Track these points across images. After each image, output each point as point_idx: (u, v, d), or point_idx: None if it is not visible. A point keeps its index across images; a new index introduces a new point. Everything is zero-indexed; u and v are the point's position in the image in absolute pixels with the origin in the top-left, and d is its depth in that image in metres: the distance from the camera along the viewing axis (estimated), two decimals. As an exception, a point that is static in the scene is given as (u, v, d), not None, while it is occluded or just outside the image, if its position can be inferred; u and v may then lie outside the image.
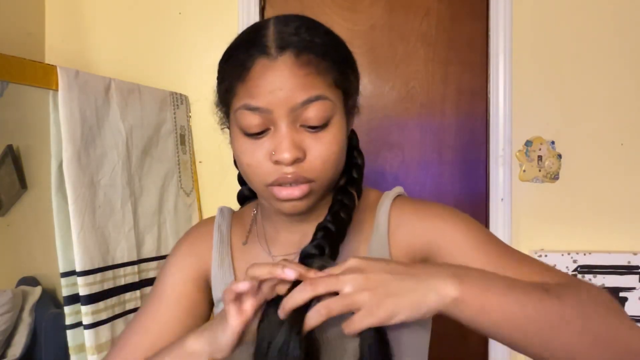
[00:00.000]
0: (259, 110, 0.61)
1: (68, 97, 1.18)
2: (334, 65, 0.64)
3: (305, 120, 0.62)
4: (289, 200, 0.63)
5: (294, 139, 0.61)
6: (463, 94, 1.68)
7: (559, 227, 1.61)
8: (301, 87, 0.61)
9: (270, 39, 0.63)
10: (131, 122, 1.39)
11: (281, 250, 0.73)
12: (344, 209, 0.69)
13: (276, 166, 0.62)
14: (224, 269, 0.75)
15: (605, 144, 1.61)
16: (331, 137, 0.63)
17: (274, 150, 0.62)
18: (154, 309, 0.73)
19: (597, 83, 1.61)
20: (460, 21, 1.68)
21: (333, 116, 0.63)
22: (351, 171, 0.73)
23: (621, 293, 1.53)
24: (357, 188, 0.72)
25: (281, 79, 0.61)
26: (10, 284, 1.42)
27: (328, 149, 0.63)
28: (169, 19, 1.71)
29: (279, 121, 0.61)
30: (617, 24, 1.61)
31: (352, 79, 0.68)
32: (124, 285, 1.33)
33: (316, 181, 0.63)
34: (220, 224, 0.78)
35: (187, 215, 1.61)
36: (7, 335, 1.38)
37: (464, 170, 1.69)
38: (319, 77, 0.62)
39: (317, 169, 0.63)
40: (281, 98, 0.60)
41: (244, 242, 0.76)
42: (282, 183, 0.62)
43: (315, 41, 0.63)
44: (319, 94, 0.62)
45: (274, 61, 0.61)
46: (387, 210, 0.71)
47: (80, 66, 1.35)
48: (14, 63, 1.11)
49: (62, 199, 1.19)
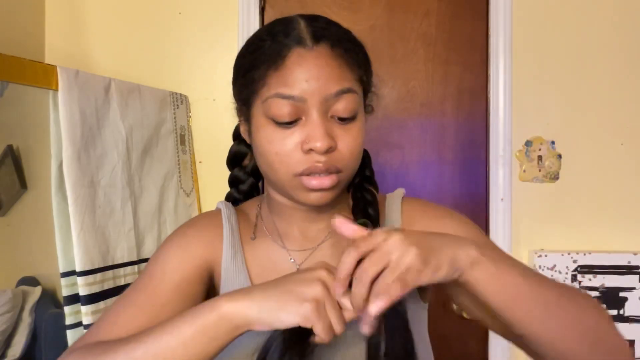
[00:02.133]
0: (292, 98, 0.62)
1: (68, 97, 1.18)
2: (359, 62, 0.66)
3: (336, 111, 0.63)
4: (318, 190, 0.63)
5: (326, 128, 0.62)
6: (463, 94, 1.68)
7: (559, 227, 1.61)
8: (335, 77, 0.62)
9: (304, 31, 0.64)
10: (131, 122, 1.39)
11: (297, 245, 0.73)
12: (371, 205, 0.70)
13: (307, 155, 0.62)
14: (237, 262, 0.72)
15: (605, 144, 1.61)
16: (357, 129, 0.65)
17: (307, 138, 0.62)
18: (150, 288, 0.67)
19: (597, 83, 1.61)
20: (460, 21, 1.68)
21: (359, 109, 0.65)
22: (363, 170, 0.74)
23: (621, 293, 1.53)
24: (374, 185, 0.75)
25: (317, 68, 0.62)
26: (10, 284, 1.42)
27: (355, 141, 0.64)
28: (169, 19, 1.71)
29: (311, 110, 0.62)
30: (617, 23, 1.61)
31: (371, 79, 0.70)
32: (124, 286, 1.33)
33: (344, 172, 0.64)
34: (228, 215, 0.76)
35: (187, 215, 1.61)
36: (7, 335, 1.38)
37: (464, 170, 1.69)
38: (348, 70, 0.64)
39: (345, 159, 0.64)
40: (315, 87, 0.61)
41: (253, 237, 0.75)
42: (313, 172, 0.63)
43: (345, 37, 0.66)
44: (350, 86, 0.64)
45: (310, 51, 0.62)
46: (399, 209, 0.73)
47: (80, 66, 1.35)
48: (14, 63, 1.11)
49: (62, 199, 1.19)
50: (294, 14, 0.68)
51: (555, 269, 1.54)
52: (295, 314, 0.54)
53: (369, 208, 0.70)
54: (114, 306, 0.68)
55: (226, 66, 0.72)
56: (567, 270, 1.53)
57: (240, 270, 0.72)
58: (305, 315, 0.53)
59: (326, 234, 0.72)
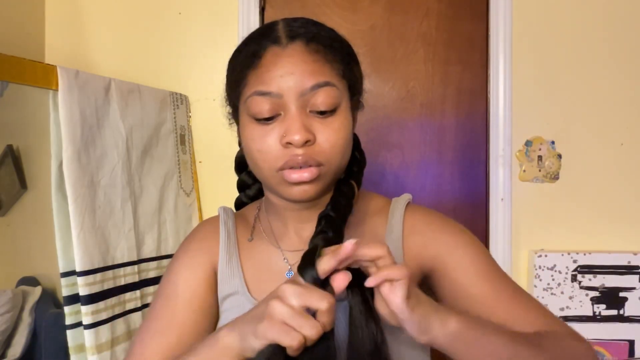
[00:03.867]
0: (270, 94, 0.63)
1: (68, 97, 1.18)
2: (340, 57, 0.67)
3: (314, 105, 0.64)
4: (299, 183, 0.64)
5: (304, 122, 0.63)
6: (463, 94, 1.68)
7: (559, 227, 1.61)
8: (310, 72, 0.63)
9: (280, 31, 0.66)
10: (131, 122, 1.39)
11: (291, 245, 0.74)
12: (343, 196, 0.70)
13: (286, 149, 0.63)
14: (232, 265, 0.74)
15: (605, 144, 1.61)
16: (339, 123, 0.65)
17: (285, 132, 0.63)
18: (167, 312, 0.71)
19: (597, 83, 1.61)
20: (460, 21, 1.68)
21: (340, 104, 0.65)
22: (351, 168, 0.75)
23: (621, 293, 1.53)
24: (356, 179, 0.74)
25: (291, 64, 0.63)
26: (10, 284, 1.42)
27: (336, 134, 0.65)
28: (169, 19, 1.71)
29: (289, 105, 0.63)
30: (617, 24, 1.61)
31: (357, 75, 0.70)
32: (124, 285, 1.33)
33: (325, 165, 0.65)
34: (226, 220, 0.78)
35: (187, 215, 1.61)
36: (7, 335, 1.38)
37: (464, 170, 1.68)
38: (327, 65, 0.65)
39: (325, 152, 0.64)
40: (291, 83, 0.63)
41: (250, 239, 0.77)
42: (293, 165, 0.63)
43: (322, 34, 0.67)
44: (327, 80, 0.64)
45: (285, 48, 0.64)
46: (402, 215, 0.73)
47: (80, 66, 1.35)
48: (14, 63, 1.11)
49: (62, 199, 1.19)
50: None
51: (555, 269, 1.54)
52: (259, 336, 0.54)
53: (341, 198, 0.69)
54: (139, 334, 0.72)
55: (226, 66, 0.72)
56: (567, 270, 1.53)
57: (235, 273, 0.73)
58: (264, 335, 0.54)
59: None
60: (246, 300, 0.71)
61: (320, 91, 0.63)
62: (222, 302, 0.74)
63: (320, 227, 0.65)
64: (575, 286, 1.53)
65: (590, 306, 1.53)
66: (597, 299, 1.53)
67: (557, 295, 1.53)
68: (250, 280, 0.73)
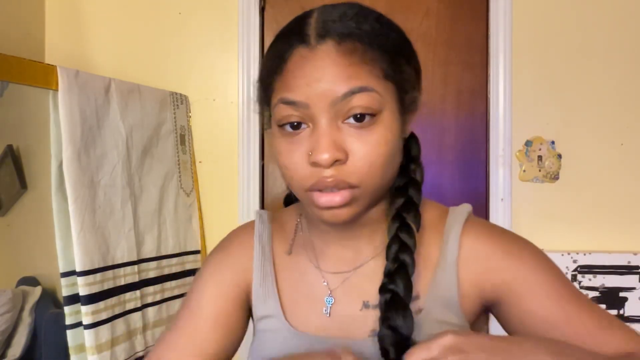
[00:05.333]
0: (295, 104, 0.55)
1: (68, 97, 1.18)
2: (383, 54, 0.56)
3: (348, 115, 0.55)
4: (329, 207, 0.56)
5: (334, 137, 0.54)
6: (463, 94, 1.68)
7: (559, 227, 1.61)
8: (343, 78, 0.54)
9: (311, 27, 0.57)
10: (131, 122, 1.39)
11: (332, 266, 0.66)
12: (407, 210, 0.61)
13: (314, 169, 0.55)
14: (267, 285, 0.68)
15: (605, 144, 1.61)
16: (378, 135, 0.55)
17: (312, 149, 0.55)
18: (190, 326, 0.67)
19: (597, 83, 1.61)
20: (460, 21, 1.68)
21: (381, 112, 0.56)
22: (407, 189, 0.63)
23: (621, 293, 1.53)
24: (414, 214, 0.62)
25: (320, 69, 0.55)
26: (10, 284, 1.43)
27: (374, 150, 0.55)
28: (169, 19, 1.71)
29: (318, 117, 0.55)
30: (617, 24, 1.61)
31: (407, 72, 0.60)
32: (124, 285, 1.33)
33: (360, 187, 0.56)
34: (261, 232, 0.71)
35: (187, 215, 1.61)
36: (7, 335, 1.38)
37: (464, 170, 1.69)
38: (364, 68, 0.55)
39: (361, 172, 0.55)
40: (320, 90, 0.54)
41: (288, 252, 0.69)
42: (322, 188, 0.55)
43: (361, 28, 0.56)
44: (364, 85, 0.54)
45: (313, 50, 0.55)
46: (458, 237, 0.63)
47: (80, 66, 1.35)
48: (14, 63, 1.11)
49: (62, 199, 1.19)
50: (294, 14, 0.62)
51: (555, 269, 1.54)
52: None
53: (405, 213, 0.61)
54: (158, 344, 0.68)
55: (226, 66, 0.72)
56: (567, 270, 1.53)
57: (269, 293, 0.67)
58: None
59: (365, 256, 0.65)
60: (282, 325, 0.66)
61: (355, 98, 0.54)
62: (258, 322, 0.69)
63: (388, 288, 0.58)
64: (576, 286, 1.53)
65: (590, 306, 1.53)
66: (597, 299, 1.53)
67: (557, 295, 1.53)
68: (286, 303, 0.67)
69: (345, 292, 0.64)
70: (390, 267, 0.59)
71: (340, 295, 0.64)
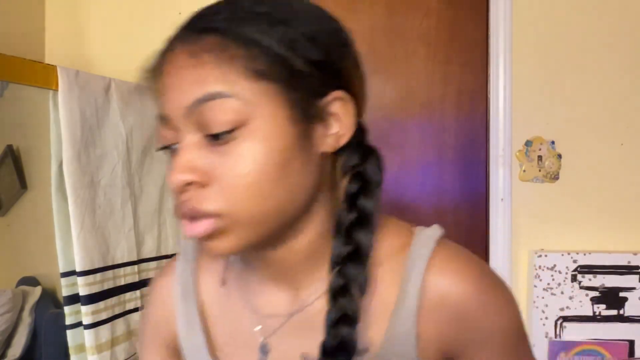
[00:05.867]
0: (162, 119, 0.48)
1: (68, 97, 1.18)
2: (255, 47, 0.44)
3: (206, 127, 0.44)
4: (202, 239, 0.47)
5: (192, 156, 0.45)
6: (463, 94, 1.68)
7: (559, 227, 1.61)
8: (193, 82, 0.45)
9: (177, 29, 0.50)
10: (131, 122, 1.39)
11: (269, 308, 0.55)
12: (350, 294, 0.48)
13: (177, 194, 0.46)
14: (195, 339, 0.58)
15: (605, 144, 1.61)
16: (245, 151, 0.44)
17: None
18: None
19: (598, 83, 1.61)
20: (460, 21, 1.68)
21: (248, 121, 0.44)
22: (356, 200, 0.51)
23: (621, 293, 1.53)
24: (366, 221, 0.50)
25: (172, 75, 0.46)
26: (10, 284, 1.43)
27: (238, 169, 0.44)
28: (169, 19, 1.69)
29: (182, 132, 0.46)
30: (617, 23, 1.61)
31: (310, 66, 0.46)
32: (124, 285, 1.33)
33: (224, 215, 0.45)
34: (182, 272, 0.61)
35: (187, 215, 1.61)
36: (7, 335, 1.38)
37: (464, 170, 1.69)
38: (221, 67, 0.44)
39: (222, 197, 0.44)
40: (172, 99, 0.46)
41: (222, 284, 0.59)
42: (183, 216, 0.46)
43: (224, 18, 0.46)
44: (218, 90, 0.44)
45: (170, 53, 0.48)
46: (421, 275, 0.50)
47: (80, 66, 1.35)
48: (14, 63, 1.11)
49: (62, 199, 1.19)
50: None
51: (555, 269, 1.54)
52: None
53: (346, 295, 0.48)
54: None
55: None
56: (567, 270, 1.53)
57: (199, 347, 0.58)
58: None
59: (306, 296, 0.53)
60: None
61: (207, 107, 0.44)
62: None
63: (329, 343, 0.47)
64: (575, 286, 1.53)
65: (590, 306, 1.53)
66: (597, 299, 1.53)
67: (557, 295, 1.53)
68: (220, 355, 0.58)
69: (281, 341, 0.54)
70: (333, 316, 0.48)
71: (276, 344, 0.54)
